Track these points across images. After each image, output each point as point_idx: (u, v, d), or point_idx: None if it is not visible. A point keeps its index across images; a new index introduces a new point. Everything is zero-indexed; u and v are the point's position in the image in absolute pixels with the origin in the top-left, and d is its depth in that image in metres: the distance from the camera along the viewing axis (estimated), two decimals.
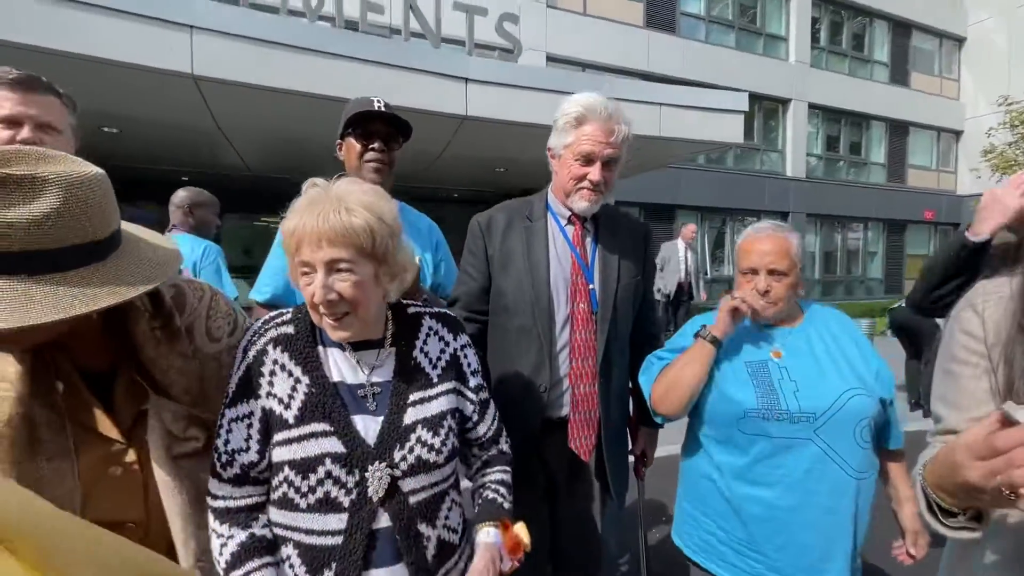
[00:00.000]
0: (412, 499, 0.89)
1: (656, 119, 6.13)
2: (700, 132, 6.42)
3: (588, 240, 1.42)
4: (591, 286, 1.37)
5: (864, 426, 1.14)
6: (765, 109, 13.32)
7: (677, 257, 7.14)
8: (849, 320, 1.32)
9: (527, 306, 1.36)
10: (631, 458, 1.61)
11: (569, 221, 1.42)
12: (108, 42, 3.77)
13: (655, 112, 6.12)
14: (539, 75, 5.70)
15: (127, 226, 0.86)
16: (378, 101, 1.50)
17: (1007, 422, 0.61)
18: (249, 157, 7.01)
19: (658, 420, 1.36)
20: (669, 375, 1.26)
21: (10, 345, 0.77)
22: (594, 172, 1.31)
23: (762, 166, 13.51)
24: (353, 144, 1.50)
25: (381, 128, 1.50)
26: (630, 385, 1.54)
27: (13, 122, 1.18)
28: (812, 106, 13.78)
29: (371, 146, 1.48)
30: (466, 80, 5.05)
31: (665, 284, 7.07)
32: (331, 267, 0.82)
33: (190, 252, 2.64)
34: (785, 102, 13.47)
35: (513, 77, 5.37)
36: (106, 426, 0.86)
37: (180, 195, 2.86)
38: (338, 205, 0.81)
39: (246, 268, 5.82)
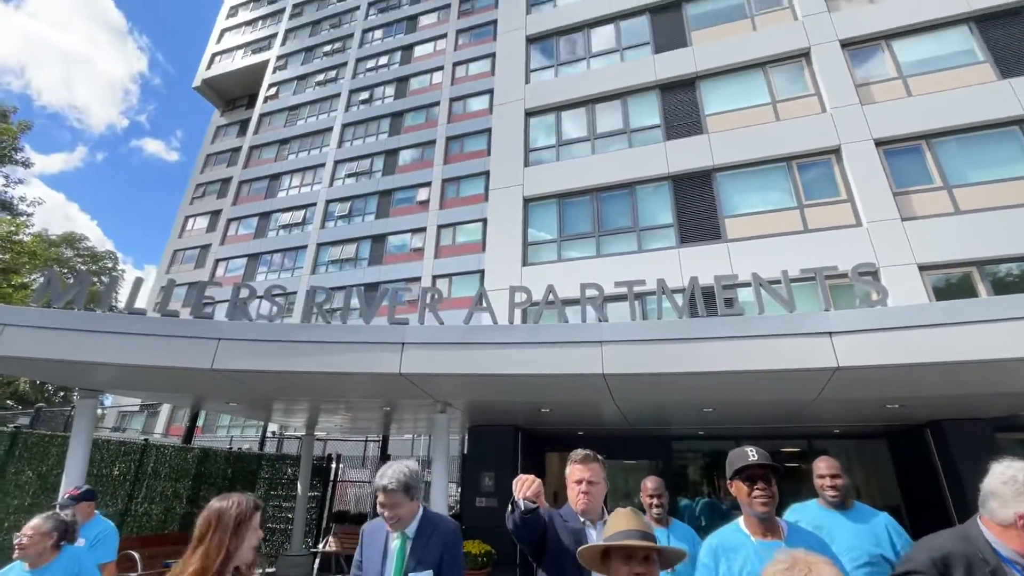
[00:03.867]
0: None
1: None
2: None
3: None
4: None
5: None
6: None
7: None
8: None
9: None
10: None
11: None
12: (549, 361, 5.81)
13: None
14: (908, 314, 5.28)
15: None
16: (752, 452, 2.00)
17: None
18: (629, 414, 8.41)
19: None
20: None
21: None
22: None
23: None
24: (741, 486, 2.02)
25: (758, 471, 1.98)
26: None
27: (580, 481, 2.25)
28: None
29: (755, 487, 1.97)
30: (830, 334, 5.19)
31: None
32: None
33: None
34: None
35: (878, 321, 5.19)
36: None
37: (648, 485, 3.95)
38: (812, 570, 1.32)
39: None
